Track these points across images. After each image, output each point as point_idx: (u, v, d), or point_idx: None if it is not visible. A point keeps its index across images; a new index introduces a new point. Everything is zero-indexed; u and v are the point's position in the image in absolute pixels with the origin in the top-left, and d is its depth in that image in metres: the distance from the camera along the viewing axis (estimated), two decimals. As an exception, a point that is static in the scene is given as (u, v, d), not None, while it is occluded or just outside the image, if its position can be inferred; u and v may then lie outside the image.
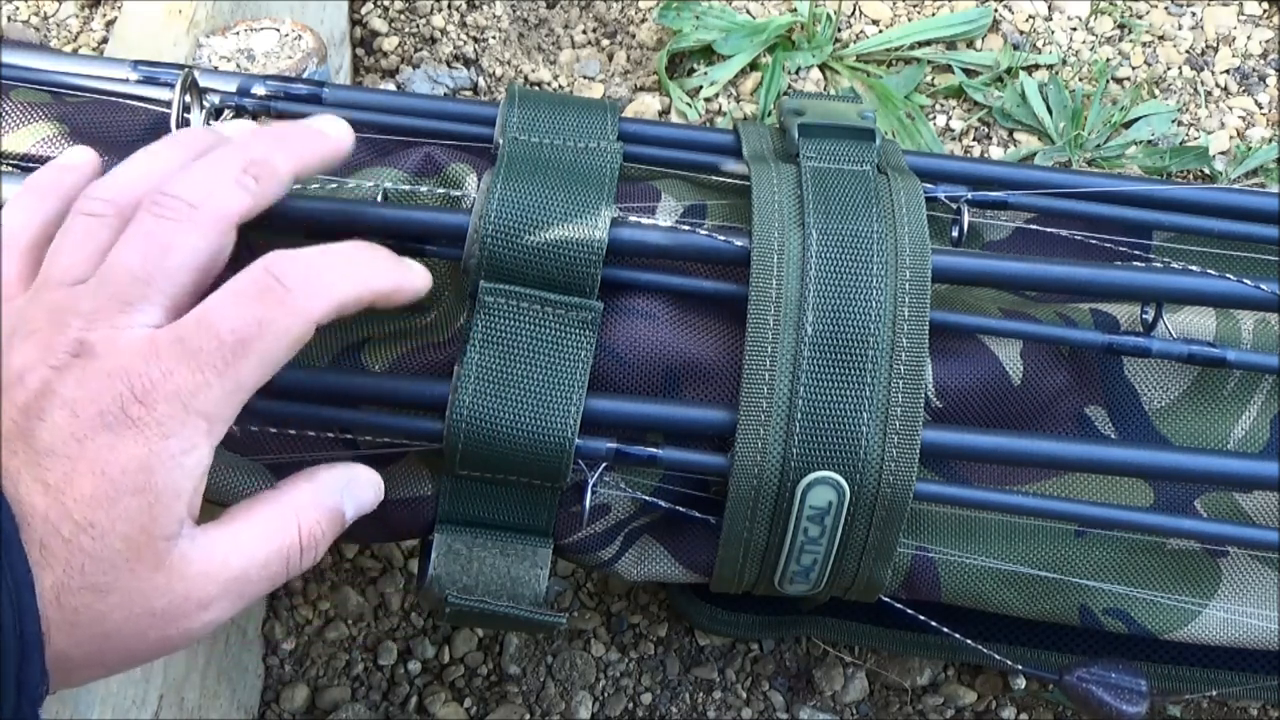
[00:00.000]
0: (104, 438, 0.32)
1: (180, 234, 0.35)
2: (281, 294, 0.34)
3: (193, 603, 0.34)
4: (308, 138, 0.39)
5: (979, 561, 0.45)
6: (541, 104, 0.46)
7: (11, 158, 0.45)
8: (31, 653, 0.31)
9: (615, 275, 0.42)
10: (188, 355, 0.33)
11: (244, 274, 0.35)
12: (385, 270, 0.38)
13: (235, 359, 0.34)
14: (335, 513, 0.38)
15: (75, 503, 0.32)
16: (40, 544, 0.31)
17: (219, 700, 0.56)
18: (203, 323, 0.34)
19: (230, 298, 0.34)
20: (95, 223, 0.36)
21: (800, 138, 0.45)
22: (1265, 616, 0.47)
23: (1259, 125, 0.75)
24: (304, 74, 0.55)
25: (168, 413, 0.33)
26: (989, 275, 0.43)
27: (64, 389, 0.32)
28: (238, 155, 0.37)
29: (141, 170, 0.38)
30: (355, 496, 0.39)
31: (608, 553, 0.46)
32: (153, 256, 0.34)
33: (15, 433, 0.32)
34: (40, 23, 0.74)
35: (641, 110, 0.74)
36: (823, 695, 0.61)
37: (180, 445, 0.33)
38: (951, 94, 0.76)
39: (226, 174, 0.36)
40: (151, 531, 0.33)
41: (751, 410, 0.41)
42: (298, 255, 0.36)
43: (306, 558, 0.37)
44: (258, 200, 0.37)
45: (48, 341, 0.33)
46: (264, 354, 0.34)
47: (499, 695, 0.61)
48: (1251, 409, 0.46)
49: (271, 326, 0.34)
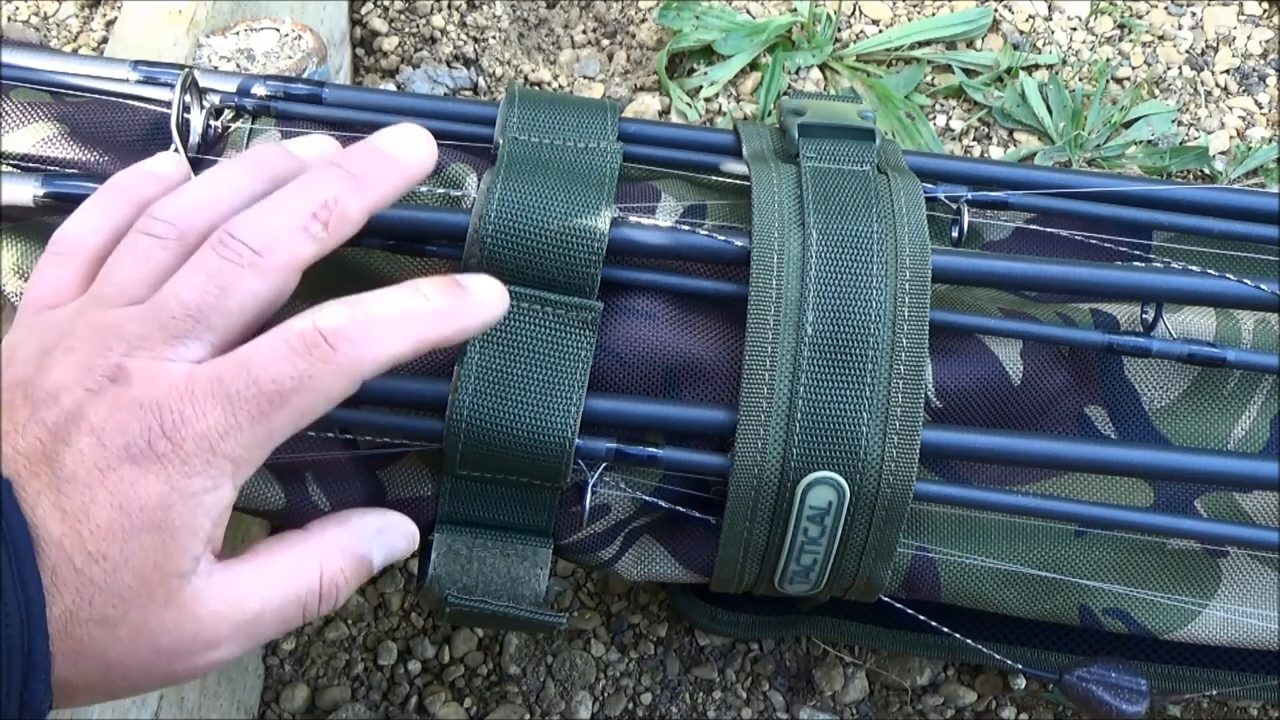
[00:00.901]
0: (126, 470, 0.32)
1: (241, 278, 0.34)
2: (327, 354, 0.33)
3: (201, 642, 0.33)
4: (382, 169, 0.37)
5: (979, 561, 0.45)
6: (541, 104, 0.46)
7: (11, 158, 0.45)
8: (38, 670, 0.31)
9: (615, 275, 0.42)
10: (224, 398, 0.32)
11: (294, 324, 0.34)
12: (443, 317, 0.36)
13: (271, 409, 0.33)
14: (362, 561, 0.37)
15: (90, 534, 0.31)
16: (52, 570, 0.31)
17: (219, 700, 0.56)
18: (244, 367, 0.33)
19: (276, 348, 0.33)
20: (156, 245, 0.35)
21: (800, 138, 0.45)
22: (1265, 616, 0.47)
23: (1259, 125, 0.75)
24: (304, 74, 0.55)
25: (194, 451, 0.32)
26: (989, 275, 0.44)
27: (94, 415, 0.32)
28: (310, 197, 0.35)
29: (209, 193, 0.36)
30: (386, 545, 0.38)
31: (608, 553, 0.46)
32: (210, 295, 0.34)
33: (40, 454, 0.32)
34: (40, 23, 0.74)
35: (641, 110, 0.74)
36: (823, 695, 0.61)
37: (203, 485, 0.32)
38: (951, 94, 0.76)
39: (296, 219, 0.35)
40: (165, 569, 0.32)
41: (751, 410, 0.41)
42: (353, 310, 0.34)
43: (325, 604, 0.36)
44: (324, 247, 0.35)
45: (87, 362, 0.33)
46: (301, 409, 0.33)
47: (499, 695, 0.61)
48: (1251, 409, 0.46)
49: (313, 383, 0.33)
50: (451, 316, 0.36)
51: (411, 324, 0.35)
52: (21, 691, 0.31)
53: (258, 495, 0.43)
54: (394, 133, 0.38)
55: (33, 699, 0.31)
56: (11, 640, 0.30)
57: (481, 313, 0.37)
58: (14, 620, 0.30)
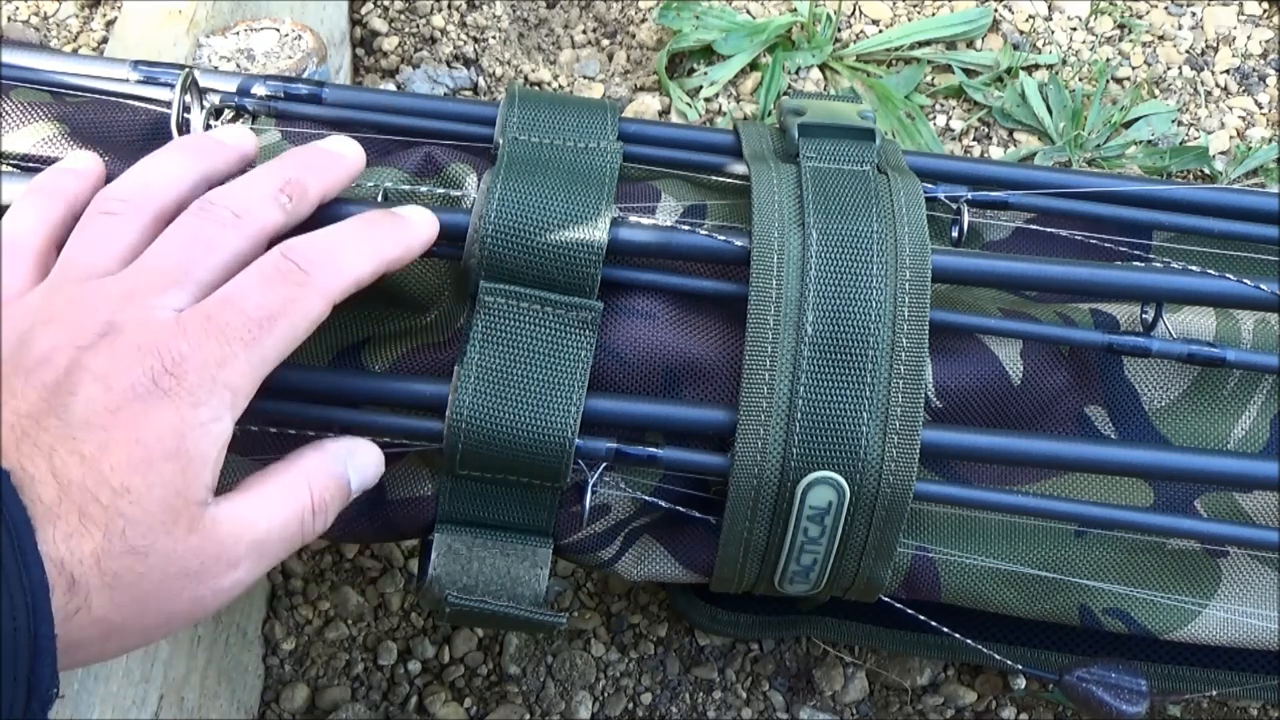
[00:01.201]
0: (137, 407, 0.33)
1: (224, 236, 0.37)
2: (301, 277, 0.37)
3: (223, 562, 0.35)
4: (331, 161, 0.41)
5: (979, 561, 0.45)
6: (541, 104, 0.46)
7: (12, 158, 0.45)
8: (44, 656, 0.31)
9: (615, 275, 0.42)
10: (215, 330, 0.35)
11: (265, 258, 0.37)
12: (394, 238, 0.40)
13: (261, 334, 0.35)
14: (341, 480, 0.39)
15: (112, 470, 0.33)
16: (80, 511, 0.32)
17: (219, 700, 0.56)
18: (229, 301, 0.36)
19: (254, 279, 0.36)
20: (115, 221, 0.38)
21: (800, 138, 0.45)
22: (1265, 616, 0.47)
23: (1259, 125, 0.75)
24: (304, 74, 0.55)
25: (197, 382, 0.34)
26: (989, 275, 0.43)
27: (94, 364, 0.34)
28: (275, 175, 0.39)
29: (153, 174, 0.40)
30: (358, 469, 0.40)
31: (608, 553, 0.46)
32: (197, 249, 0.37)
33: (45, 409, 0.33)
34: (40, 23, 0.74)
35: (641, 110, 0.74)
36: (823, 695, 0.61)
37: (209, 414, 0.34)
38: (951, 94, 0.76)
39: (267, 191, 0.39)
40: (186, 495, 0.34)
41: (751, 410, 0.41)
42: (313, 239, 0.38)
43: (319, 521, 0.38)
44: (290, 218, 0.39)
45: (74, 323, 0.34)
46: (288, 330, 0.36)
47: (499, 695, 0.61)
48: (1251, 409, 0.46)
49: (294, 305, 0.36)
50: (397, 239, 0.40)
51: (368, 246, 0.39)
52: (29, 677, 0.31)
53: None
54: (331, 138, 0.43)
55: (39, 683, 0.31)
56: (18, 627, 0.30)
57: (421, 233, 0.41)
58: (19, 607, 0.31)
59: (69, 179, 0.41)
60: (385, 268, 0.39)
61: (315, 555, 0.63)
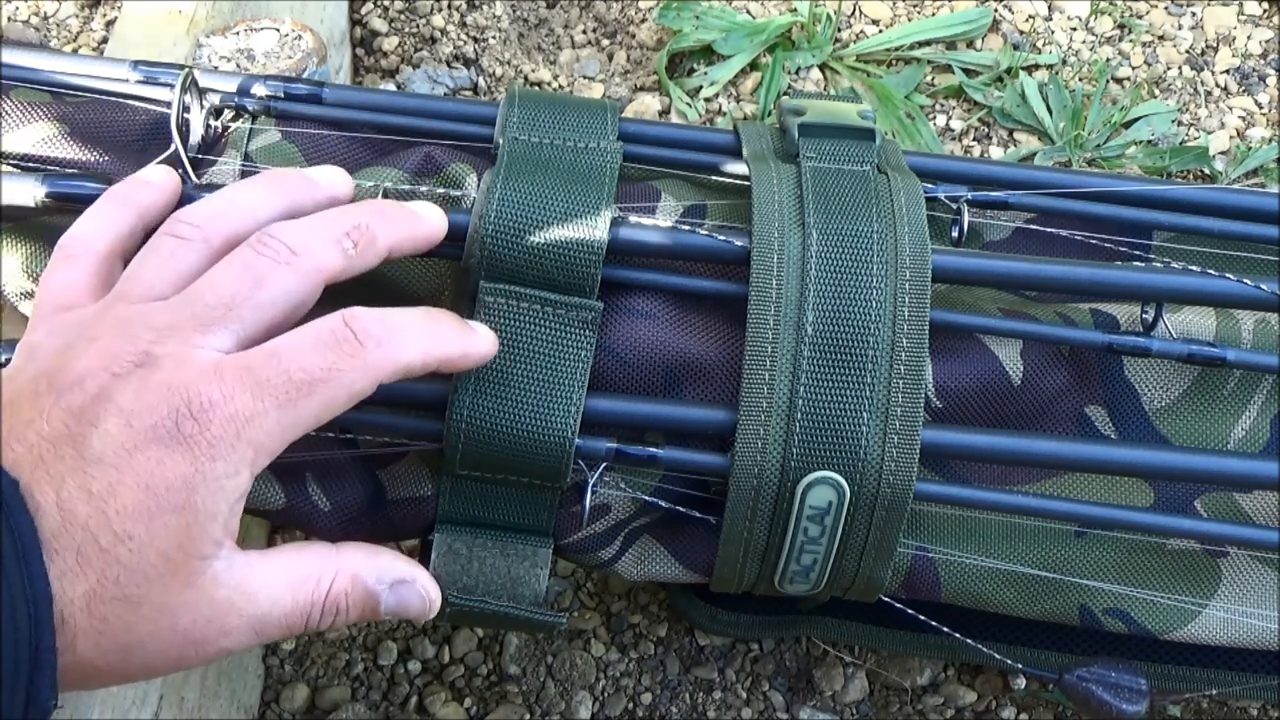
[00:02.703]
0: (153, 451, 0.32)
1: (276, 273, 0.36)
2: (355, 349, 0.35)
3: (215, 627, 0.34)
4: (409, 220, 0.40)
5: (979, 561, 0.45)
6: (541, 104, 0.46)
7: (12, 158, 0.45)
8: (44, 666, 0.31)
9: (615, 275, 0.42)
10: (253, 384, 0.34)
11: (324, 321, 0.36)
12: (453, 339, 0.38)
13: (298, 398, 0.34)
14: (371, 596, 0.38)
15: (117, 514, 0.32)
16: (78, 551, 0.32)
17: (219, 700, 0.56)
18: (275, 356, 0.34)
19: (306, 340, 0.35)
20: (182, 246, 0.37)
21: (800, 137, 0.45)
22: (1265, 616, 0.46)
23: (1259, 125, 0.75)
24: (304, 74, 0.55)
25: (220, 435, 0.33)
26: (989, 275, 0.43)
27: (121, 398, 0.33)
28: (345, 219, 0.38)
29: (234, 203, 0.39)
30: (400, 597, 0.38)
31: (608, 553, 0.46)
32: (245, 285, 0.35)
33: (65, 437, 0.32)
34: (40, 23, 0.74)
35: (641, 110, 0.74)
36: (823, 695, 0.61)
37: (226, 469, 0.33)
38: (951, 94, 0.76)
39: (332, 234, 0.37)
40: (187, 550, 0.33)
41: (751, 410, 0.41)
42: (379, 314, 0.36)
43: (326, 621, 0.37)
44: (351, 265, 0.38)
45: (114, 350, 0.34)
46: (326, 400, 0.35)
47: (499, 695, 0.61)
48: (1251, 409, 0.46)
49: (340, 377, 0.35)
50: (460, 341, 0.38)
51: (429, 337, 0.37)
52: (28, 688, 0.31)
53: (258, 495, 0.43)
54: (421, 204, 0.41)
55: (39, 694, 0.31)
56: (20, 637, 0.30)
57: (483, 345, 0.39)
58: (21, 617, 0.30)
59: (142, 190, 0.40)
60: (436, 366, 0.38)
61: (315, 555, 0.63)
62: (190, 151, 0.46)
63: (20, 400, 0.33)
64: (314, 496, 0.43)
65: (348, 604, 0.37)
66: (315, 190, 0.40)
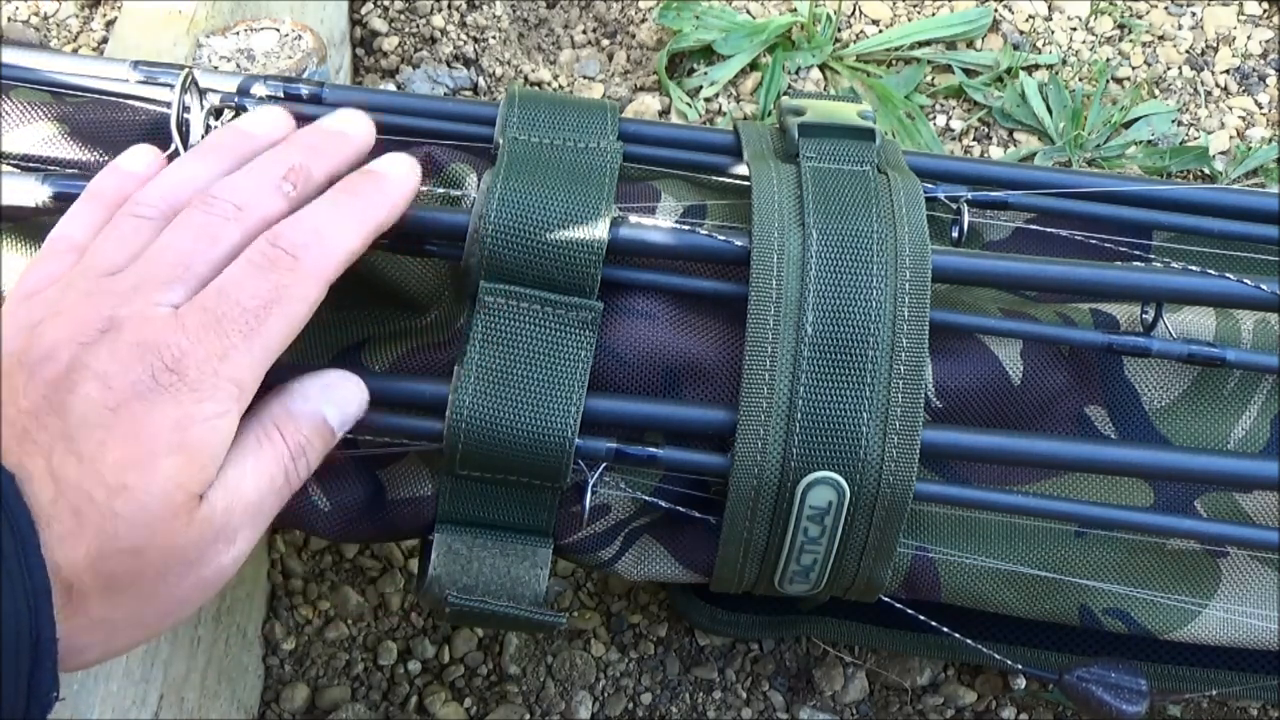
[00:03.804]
0: (137, 405, 0.33)
1: (226, 229, 0.37)
2: (290, 262, 0.36)
3: (223, 540, 0.35)
4: (336, 142, 0.41)
5: (979, 561, 0.45)
6: (541, 104, 0.46)
7: (12, 158, 0.45)
8: (45, 660, 0.31)
9: (615, 275, 0.42)
10: (213, 323, 0.34)
11: (252, 247, 0.37)
12: (376, 200, 0.39)
13: (259, 323, 0.35)
14: (315, 418, 0.38)
15: (109, 468, 0.32)
16: (75, 511, 0.32)
17: (219, 700, 0.56)
18: (223, 292, 0.35)
19: (244, 269, 0.36)
20: (141, 224, 0.38)
21: (800, 137, 0.45)
22: (1265, 616, 0.47)
23: (1259, 125, 0.75)
24: (304, 74, 0.55)
25: (199, 377, 0.34)
26: (989, 275, 0.43)
27: (95, 362, 0.33)
28: (281, 162, 0.39)
29: (187, 175, 0.39)
30: (337, 404, 0.39)
31: (608, 553, 0.46)
32: (200, 244, 0.36)
33: (46, 408, 0.33)
34: (40, 23, 0.74)
35: (641, 110, 0.74)
36: (823, 695, 0.61)
37: (215, 407, 0.34)
38: (951, 94, 0.76)
39: (269, 180, 0.38)
40: (188, 489, 0.33)
41: (751, 410, 0.41)
42: (297, 220, 0.37)
43: (301, 465, 0.38)
44: (295, 206, 0.39)
45: (79, 319, 0.34)
46: (285, 317, 0.36)
47: (499, 695, 0.61)
48: (1251, 409, 0.46)
49: (288, 291, 0.36)
50: (381, 200, 0.39)
51: (352, 217, 0.38)
52: (29, 680, 0.31)
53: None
54: (339, 114, 0.42)
55: (39, 687, 0.31)
56: (20, 630, 0.30)
57: (404, 184, 0.40)
58: (22, 610, 0.30)
59: (124, 181, 0.40)
60: (376, 232, 0.39)
61: (315, 555, 0.63)
62: (190, 151, 0.46)
63: None
64: (314, 497, 0.43)
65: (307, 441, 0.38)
66: (253, 142, 0.41)
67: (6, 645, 0.30)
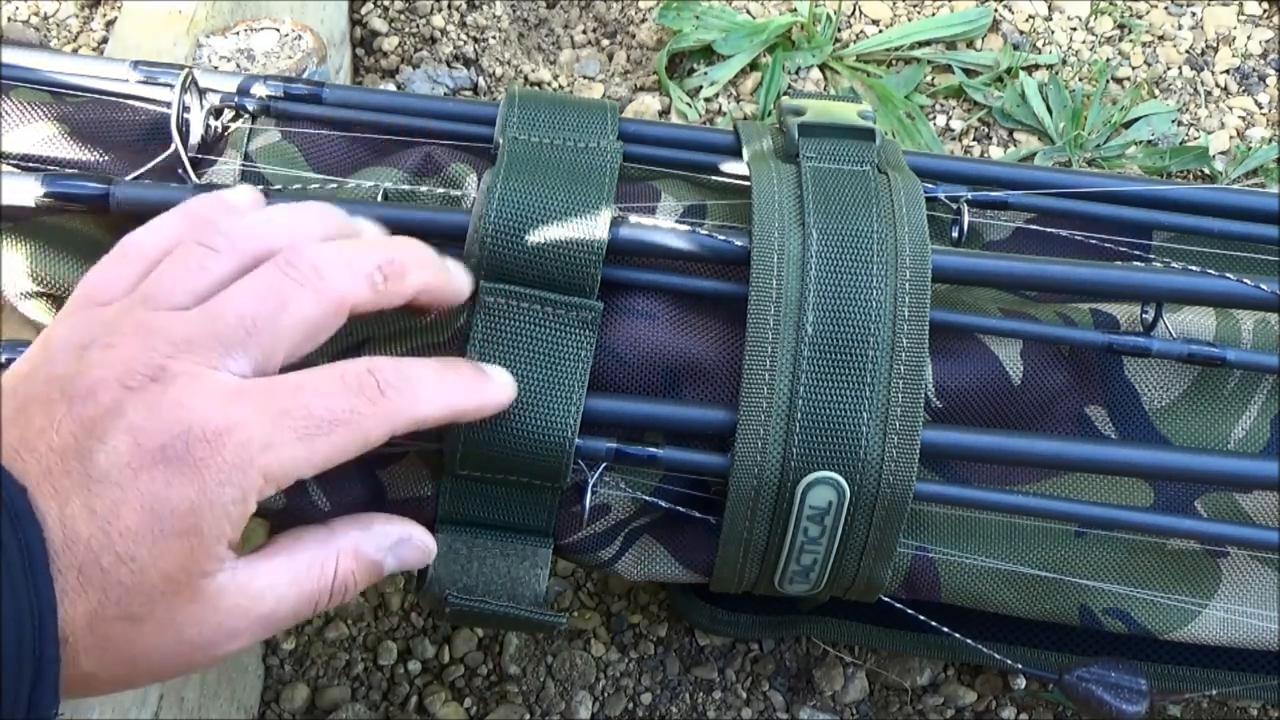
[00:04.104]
0: (160, 472, 0.32)
1: (300, 297, 0.35)
2: (376, 395, 0.35)
3: (223, 633, 0.34)
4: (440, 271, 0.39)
5: (979, 561, 0.45)
6: (541, 104, 0.46)
7: (12, 158, 0.45)
8: (47, 676, 0.31)
9: (615, 275, 0.42)
10: (276, 413, 0.33)
11: (349, 364, 0.35)
12: (471, 392, 0.38)
13: (317, 434, 0.34)
14: (375, 566, 0.38)
15: (120, 535, 0.32)
16: (79, 570, 0.31)
17: (219, 700, 0.56)
18: (299, 389, 0.34)
19: (332, 379, 0.35)
20: (210, 257, 0.36)
21: (800, 137, 0.45)
22: (1265, 616, 0.46)
23: (1259, 125, 0.75)
24: (304, 74, 0.55)
25: (233, 461, 0.32)
26: (989, 275, 0.43)
27: (134, 414, 0.32)
28: (380, 252, 0.37)
29: (272, 222, 0.38)
30: (400, 556, 0.39)
31: (608, 553, 0.46)
32: (268, 307, 0.35)
33: (73, 451, 0.32)
34: (40, 23, 0.74)
35: (641, 110, 0.74)
36: (823, 695, 0.61)
37: (234, 494, 0.33)
38: (951, 94, 0.76)
39: (363, 263, 0.36)
40: (191, 570, 0.33)
41: (751, 410, 0.41)
42: (400, 365, 0.36)
43: (334, 601, 0.37)
44: (378, 299, 0.37)
45: (129, 360, 0.33)
46: (342, 443, 0.34)
47: (499, 695, 0.61)
48: (1252, 409, 0.46)
49: (359, 421, 0.34)
50: (476, 394, 0.38)
51: (446, 392, 0.37)
52: (30, 695, 0.31)
53: (258, 495, 0.43)
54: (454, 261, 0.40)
55: (40, 703, 0.31)
56: (24, 646, 0.30)
57: (499, 394, 0.39)
58: (26, 626, 0.30)
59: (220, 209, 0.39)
60: (452, 419, 0.38)
61: (315, 555, 0.63)
62: (190, 151, 0.46)
63: (33, 405, 0.33)
64: (314, 497, 0.43)
65: (355, 581, 0.37)
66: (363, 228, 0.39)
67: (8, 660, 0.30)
